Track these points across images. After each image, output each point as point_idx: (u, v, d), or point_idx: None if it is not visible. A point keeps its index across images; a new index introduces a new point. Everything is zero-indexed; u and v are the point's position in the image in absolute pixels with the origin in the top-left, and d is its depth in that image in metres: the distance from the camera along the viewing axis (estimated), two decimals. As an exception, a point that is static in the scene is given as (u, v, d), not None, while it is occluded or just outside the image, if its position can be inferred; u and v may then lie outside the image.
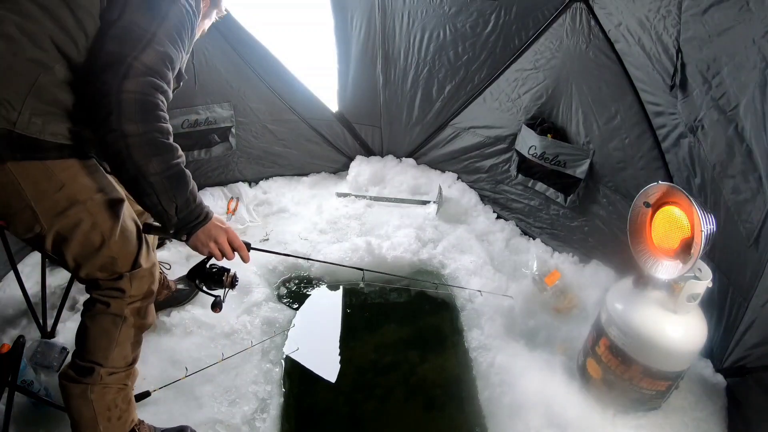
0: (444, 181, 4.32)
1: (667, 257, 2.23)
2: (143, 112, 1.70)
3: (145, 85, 1.72)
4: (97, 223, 1.90)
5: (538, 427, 2.49)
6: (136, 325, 2.14)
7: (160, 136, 1.75)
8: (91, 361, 2.06)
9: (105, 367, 2.07)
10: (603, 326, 2.47)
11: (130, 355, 2.16)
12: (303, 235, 3.90)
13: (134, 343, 2.17)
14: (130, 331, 2.12)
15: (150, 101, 1.73)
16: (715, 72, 2.25)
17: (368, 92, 4.30)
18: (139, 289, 2.09)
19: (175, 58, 1.85)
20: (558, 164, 3.39)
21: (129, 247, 2.03)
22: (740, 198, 2.29)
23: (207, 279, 2.18)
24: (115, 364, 2.10)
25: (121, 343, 2.10)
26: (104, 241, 1.93)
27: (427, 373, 3.05)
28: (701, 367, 2.71)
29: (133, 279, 2.06)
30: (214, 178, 4.25)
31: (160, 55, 1.78)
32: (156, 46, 1.77)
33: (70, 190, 1.81)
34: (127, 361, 2.15)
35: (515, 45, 3.45)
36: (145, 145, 1.72)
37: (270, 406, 2.68)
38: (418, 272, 3.70)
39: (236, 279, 2.21)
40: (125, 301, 2.06)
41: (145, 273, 2.09)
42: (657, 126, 2.83)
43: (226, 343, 2.89)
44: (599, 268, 3.34)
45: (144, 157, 1.72)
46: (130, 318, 2.10)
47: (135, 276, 2.06)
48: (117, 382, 2.13)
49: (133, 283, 2.06)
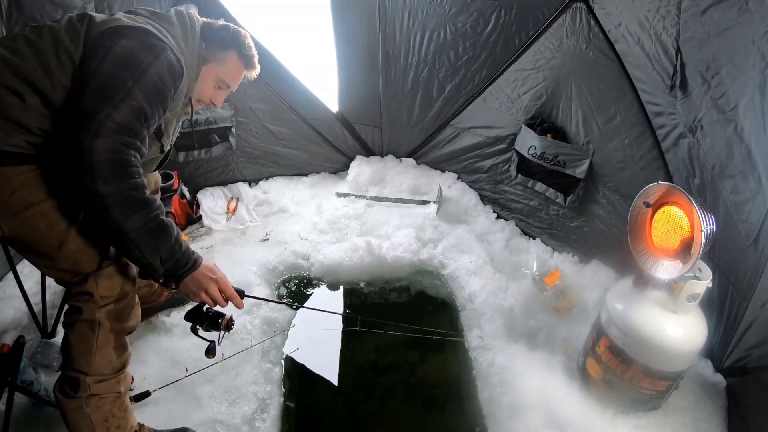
0: (444, 181, 4.32)
1: (667, 257, 2.22)
2: (115, 171, 1.71)
3: (116, 144, 1.71)
4: (53, 225, 1.87)
5: (537, 427, 2.48)
6: (114, 329, 2.09)
7: (135, 192, 1.75)
8: (76, 370, 2.04)
9: (90, 376, 2.05)
10: (603, 326, 2.47)
11: (115, 361, 2.12)
12: (303, 235, 3.90)
13: (117, 347, 2.12)
14: (109, 336, 2.08)
15: (121, 159, 1.73)
16: (715, 72, 2.25)
17: (368, 92, 4.30)
18: (108, 290, 2.04)
19: (150, 115, 1.84)
20: (558, 164, 3.39)
21: (93, 247, 1.97)
22: (740, 198, 2.29)
23: (203, 322, 2.14)
24: (101, 371, 2.07)
25: (102, 348, 2.06)
26: (62, 242, 1.90)
27: (427, 374, 3.05)
28: (701, 367, 2.71)
29: (99, 279, 2.01)
30: (214, 178, 4.25)
31: (134, 111, 1.77)
32: (130, 101, 1.75)
33: (22, 194, 1.80)
34: (114, 366, 2.12)
35: (515, 45, 3.45)
36: (121, 204, 1.73)
37: (270, 406, 2.69)
38: (418, 272, 3.71)
39: (232, 322, 2.16)
40: (96, 305, 2.02)
41: (112, 272, 2.04)
42: (656, 126, 2.83)
43: (226, 343, 2.88)
44: (599, 268, 3.34)
45: (122, 215, 1.73)
46: (105, 322, 2.05)
47: (101, 276, 2.01)
48: (108, 390, 2.10)
49: (100, 283, 2.01)
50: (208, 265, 1.99)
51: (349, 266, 3.60)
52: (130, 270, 2.12)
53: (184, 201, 3.87)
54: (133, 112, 1.76)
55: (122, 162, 1.73)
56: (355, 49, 4.09)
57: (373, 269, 3.64)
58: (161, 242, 1.82)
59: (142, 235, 1.78)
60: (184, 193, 3.92)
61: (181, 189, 3.83)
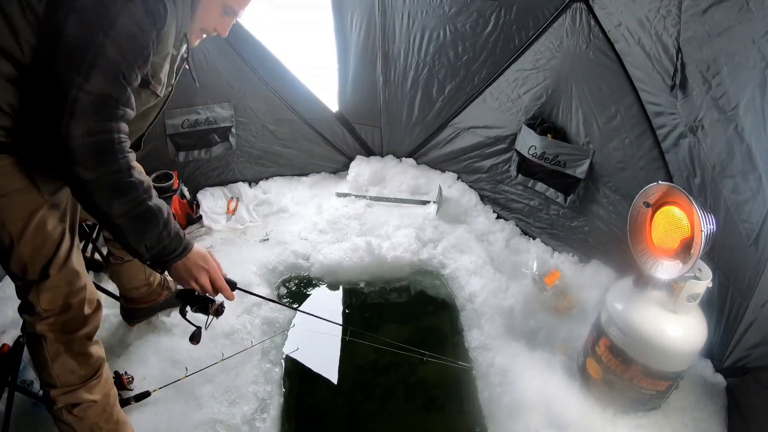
0: (444, 181, 4.31)
1: (667, 257, 2.23)
2: (96, 155, 1.58)
3: (95, 124, 1.56)
4: (5, 223, 1.74)
5: (537, 427, 2.49)
6: (62, 340, 1.98)
7: (120, 176, 1.62)
8: (44, 382, 2.02)
9: (56, 388, 2.00)
10: (603, 326, 2.47)
11: (78, 369, 2.03)
12: (303, 235, 3.90)
13: (77, 355, 2.02)
14: (59, 347, 1.97)
15: (101, 141, 1.58)
16: (715, 72, 2.25)
17: (368, 92, 4.30)
18: (50, 303, 1.91)
19: (130, 72, 1.63)
20: (558, 164, 3.39)
21: (42, 253, 1.84)
22: (740, 198, 2.29)
23: (193, 304, 2.05)
24: (66, 381, 2.01)
25: (56, 359, 1.98)
26: (13, 242, 1.77)
27: (427, 374, 3.05)
28: (701, 367, 2.71)
29: (41, 292, 1.88)
30: (214, 178, 4.25)
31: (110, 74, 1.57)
32: (102, 62, 1.54)
33: None
34: (80, 374, 2.03)
35: (515, 45, 3.45)
36: (105, 190, 1.62)
37: (270, 406, 2.69)
38: (418, 272, 3.71)
39: (222, 308, 2.09)
40: (38, 317, 1.92)
41: (56, 284, 1.90)
42: (657, 126, 2.83)
43: (226, 343, 2.89)
44: (599, 268, 3.34)
45: (106, 200, 1.63)
46: (48, 335, 1.94)
47: (43, 288, 1.88)
48: (79, 399, 2.05)
49: (42, 296, 1.89)
50: (200, 253, 1.88)
51: (349, 266, 3.60)
52: (76, 279, 1.97)
53: (184, 201, 3.87)
54: (108, 77, 1.56)
55: (103, 144, 1.59)
56: (355, 50, 4.09)
57: (373, 269, 3.64)
58: (147, 230, 1.71)
59: (127, 221, 1.68)
60: (184, 193, 3.91)
61: (181, 189, 3.82)
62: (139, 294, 2.85)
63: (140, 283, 2.82)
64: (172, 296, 3.02)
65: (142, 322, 2.96)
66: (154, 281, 2.90)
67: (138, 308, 2.92)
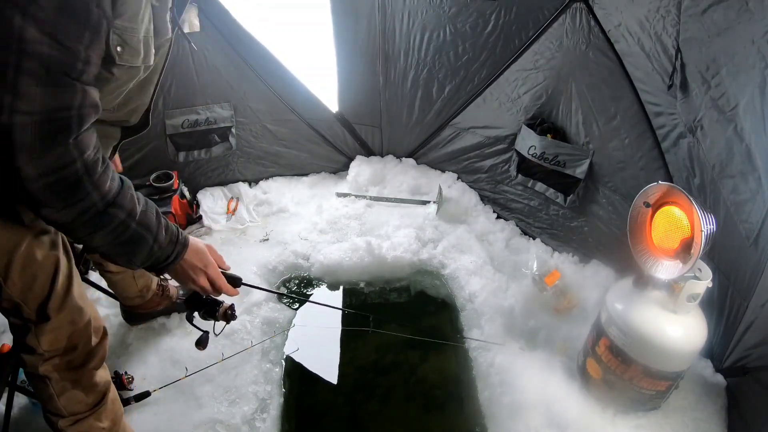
0: (444, 181, 4.31)
1: (667, 257, 2.23)
2: (62, 196, 1.33)
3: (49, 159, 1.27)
4: None
5: (537, 427, 2.49)
6: (68, 377, 1.87)
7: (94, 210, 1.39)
8: (49, 411, 1.93)
9: (65, 418, 1.93)
10: (603, 326, 2.48)
11: (86, 398, 1.95)
12: (303, 235, 3.90)
13: (84, 387, 1.94)
14: (65, 384, 1.88)
15: (64, 178, 1.31)
16: (715, 72, 2.26)
17: (368, 92, 4.30)
18: (54, 343, 1.78)
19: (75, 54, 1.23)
20: (558, 164, 3.39)
21: (34, 291, 1.67)
22: (740, 198, 2.29)
23: (200, 308, 1.92)
24: (73, 410, 1.93)
25: (63, 394, 1.88)
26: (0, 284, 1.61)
27: (427, 374, 3.06)
28: (701, 367, 2.71)
29: (41, 334, 1.74)
30: (214, 178, 4.25)
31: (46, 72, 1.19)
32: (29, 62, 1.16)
33: None
34: (87, 403, 1.96)
35: (515, 45, 3.45)
36: (81, 227, 1.41)
37: (270, 406, 2.69)
38: (418, 272, 3.71)
39: (232, 312, 1.98)
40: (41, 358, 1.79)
41: (58, 325, 1.76)
42: (657, 126, 2.83)
43: (226, 343, 2.89)
44: (599, 268, 3.34)
45: (86, 235, 1.44)
46: (53, 375, 1.83)
47: (43, 330, 1.74)
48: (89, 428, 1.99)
49: (42, 338, 1.75)
50: (198, 251, 1.71)
51: (349, 266, 3.60)
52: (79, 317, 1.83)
53: (184, 201, 3.87)
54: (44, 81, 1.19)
55: (67, 180, 1.32)
56: (355, 50, 4.08)
57: (373, 269, 3.64)
58: (136, 250, 1.53)
59: (113, 248, 1.51)
60: (184, 193, 3.92)
61: (181, 189, 3.82)
62: (133, 303, 2.83)
63: (133, 295, 2.78)
64: (172, 305, 2.99)
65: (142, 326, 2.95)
66: (148, 293, 2.83)
67: (137, 312, 2.92)
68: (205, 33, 3.58)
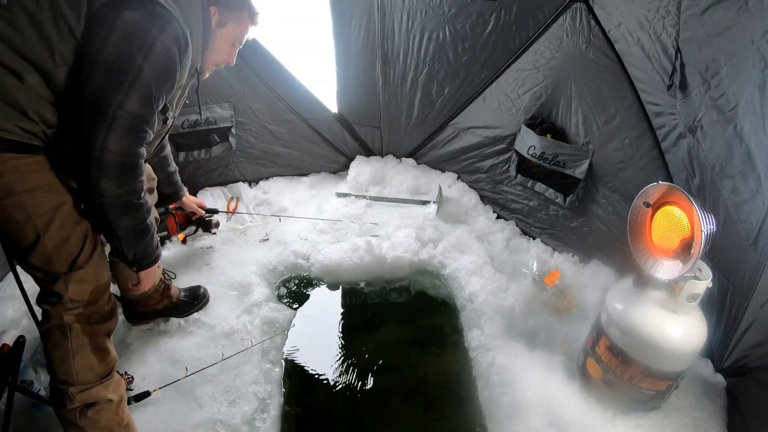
0: (444, 181, 4.32)
1: (667, 257, 2.23)
2: (122, 173, 1.78)
3: (130, 144, 1.75)
4: (31, 218, 1.81)
5: (538, 426, 2.49)
6: (87, 331, 2.02)
7: (135, 197, 1.86)
8: (59, 380, 2.01)
9: (74, 385, 2.00)
10: (603, 326, 2.48)
11: (97, 366, 2.06)
12: (303, 235, 3.90)
13: (97, 350, 2.06)
14: (83, 339, 2.01)
15: (130, 163, 1.79)
16: (714, 72, 2.26)
17: (368, 93, 4.31)
18: (79, 293, 1.98)
19: (158, 96, 1.81)
20: (557, 164, 3.39)
21: (67, 247, 1.92)
22: (739, 198, 2.29)
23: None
24: (84, 378, 2.02)
25: (78, 353, 2.00)
26: (39, 236, 1.84)
27: (427, 374, 3.05)
28: (701, 367, 2.71)
29: (70, 282, 1.95)
30: (214, 178, 4.25)
31: (145, 95, 1.74)
32: (140, 84, 1.71)
33: (5, 180, 1.73)
34: (97, 372, 2.06)
35: (515, 45, 3.45)
36: (119, 206, 1.84)
37: (270, 406, 2.69)
38: (418, 272, 3.71)
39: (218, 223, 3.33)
40: (65, 308, 1.96)
41: (86, 276, 1.98)
42: (656, 126, 2.84)
43: (226, 343, 2.89)
44: (599, 268, 3.34)
45: (116, 215, 1.85)
46: (75, 325, 1.99)
47: (72, 279, 1.95)
48: (96, 397, 2.05)
49: (70, 286, 1.95)
50: None
51: (349, 266, 3.60)
52: (102, 275, 2.07)
53: (184, 201, 3.88)
54: (144, 98, 1.73)
55: (132, 166, 1.79)
56: (355, 50, 4.09)
57: (373, 269, 3.64)
58: (141, 242, 2.01)
59: (128, 234, 1.94)
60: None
61: (181, 189, 3.83)
62: (134, 297, 2.84)
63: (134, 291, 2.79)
64: (172, 305, 2.99)
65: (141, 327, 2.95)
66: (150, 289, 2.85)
67: (137, 311, 2.92)
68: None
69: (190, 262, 3.50)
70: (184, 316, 3.01)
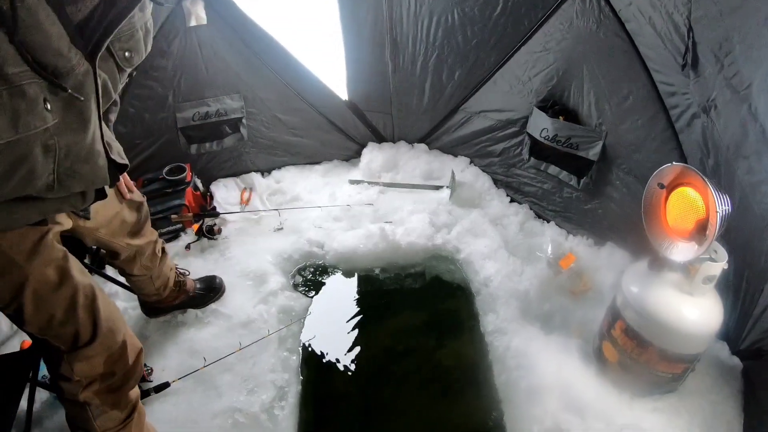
0: (457, 166, 4.31)
1: (682, 239, 2.21)
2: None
3: None
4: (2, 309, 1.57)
5: (555, 410, 2.49)
6: (110, 401, 1.87)
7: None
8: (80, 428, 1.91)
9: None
10: (618, 309, 2.47)
11: (121, 414, 1.95)
12: (317, 223, 3.91)
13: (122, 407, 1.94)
14: (104, 408, 1.87)
15: None
16: (728, 51, 2.22)
17: (377, 79, 4.29)
18: (90, 370, 1.76)
19: None
20: (570, 146, 3.36)
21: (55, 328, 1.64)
22: (755, 179, 2.26)
23: None
24: (107, 427, 1.91)
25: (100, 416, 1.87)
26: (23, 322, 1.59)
27: (444, 359, 3.07)
28: (717, 350, 2.69)
29: (74, 362, 1.72)
30: (227, 169, 4.27)
31: None
32: None
33: None
34: (120, 418, 1.95)
35: (525, 27, 3.41)
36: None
37: (288, 394, 2.73)
38: (432, 257, 3.72)
39: None
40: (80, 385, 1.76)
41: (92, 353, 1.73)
42: (670, 106, 2.80)
43: (244, 333, 2.92)
44: (614, 250, 3.32)
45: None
46: (94, 400, 1.81)
47: (76, 358, 1.71)
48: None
49: (75, 367, 1.72)
50: None
51: (363, 253, 3.63)
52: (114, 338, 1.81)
53: (198, 193, 3.91)
54: None
55: None
56: (363, 37, 4.07)
57: (388, 255, 3.66)
58: None
59: None
60: (198, 185, 3.95)
61: (194, 181, 3.86)
62: (150, 300, 2.86)
63: (151, 293, 2.80)
64: (188, 299, 3.00)
65: (159, 319, 2.98)
66: (165, 290, 2.85)
67: (155, 307, 2.94)
68: (213, 25, 3.59)
69: (205, 253, 3.53)
70: (201, 307, 3.03)
